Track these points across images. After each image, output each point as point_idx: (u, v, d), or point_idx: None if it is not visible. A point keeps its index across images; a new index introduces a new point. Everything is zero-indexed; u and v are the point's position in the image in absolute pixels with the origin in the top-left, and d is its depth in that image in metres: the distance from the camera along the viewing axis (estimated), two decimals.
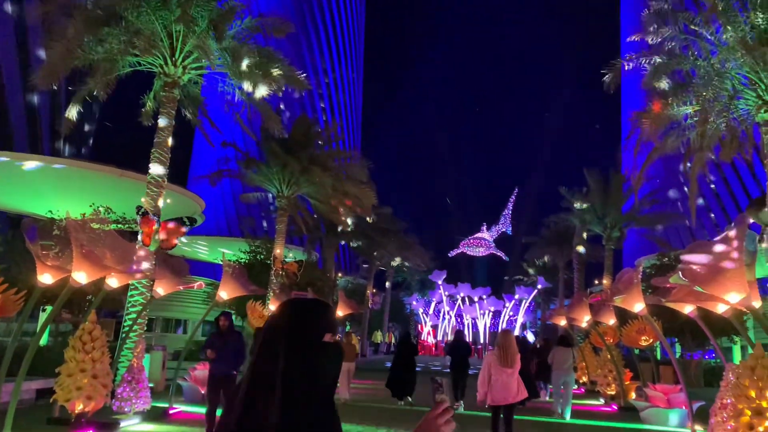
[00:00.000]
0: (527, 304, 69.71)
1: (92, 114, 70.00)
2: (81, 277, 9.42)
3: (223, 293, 13.68)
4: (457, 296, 71.00)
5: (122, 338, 14.33)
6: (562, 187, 33.71)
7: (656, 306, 12.21)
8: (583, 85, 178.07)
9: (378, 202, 29.46)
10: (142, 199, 15.67)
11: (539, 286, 62.09)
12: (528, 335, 59.40)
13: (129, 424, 10.90)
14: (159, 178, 15.84)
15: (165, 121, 16.09)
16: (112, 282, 11.21)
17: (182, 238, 17.37)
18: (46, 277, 9.44)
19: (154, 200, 15.58)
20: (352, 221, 31.56)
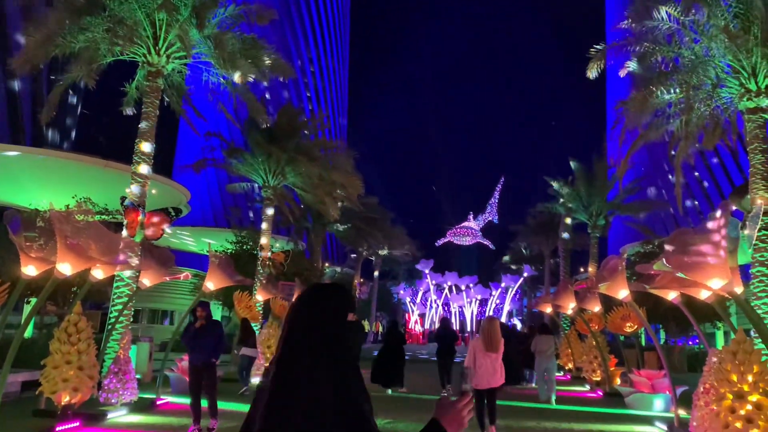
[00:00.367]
0: (514, 292, 70.19)
1: (75, 104, 69.17)
2: (65, 269, 9.35)
3: (210, 284, 13.65)
4: (444, 285, 71.37)
5: (108, 330, 14.26)
6: (548, 176, 33.86)
7: (640, 293, 12.31)
8: (570, 74, 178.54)
9: (364, 192, 29.47)
10: (126, 190, 15.55)
11: (525, 274, 62.53)
12: (516, 323, 59.84)
13: (116, 416, 10.87)
14: (144, 165, 15.70)
15: (149, 110, 15.94)
16: (98, 273, 11.15)
17: (168, 229, 17.25)
18: (30, 269, 9.35)
19: (139, 191, 15.46)
20: (338, 211, 31.54)
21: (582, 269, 41.43)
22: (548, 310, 23.43)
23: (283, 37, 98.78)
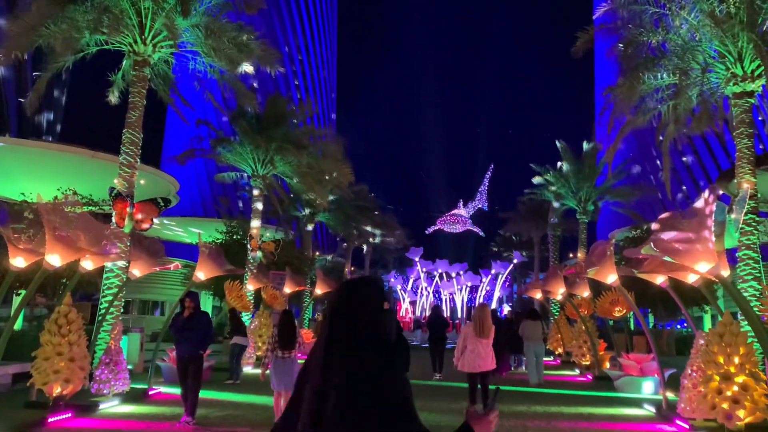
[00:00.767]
0: (504, 279, 70.50)
1: (61, 94, 68.44)
2: (54, 260, 9.31)
3: (200, 274, 13.63)
4: (435, 272, 71.54)
5: (99, 321, 14.21)
6: (535, 165, 33.78)
7: (629, 277, 12.43)
8: (560, 60, 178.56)
9: (354, 180, 29.42)
10: (114, 180, 15.45)
11: (515, 261, 62.75)
12: (505, 309, 60.17)
13: (108, 406, 10.87)
14: (131, 159, 15.60)
15: (136, 100, 15.81)
16: (87, 264, 11.11)
17: (156, 219, 17.18)
18: (18, 261, 9.32)
19: (127, 181, 15.37)
20: (328, 199, 31.49)
21: (571, 255, 41.64)
22: (538, 295, 23.57)
23: (271, 24, 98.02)
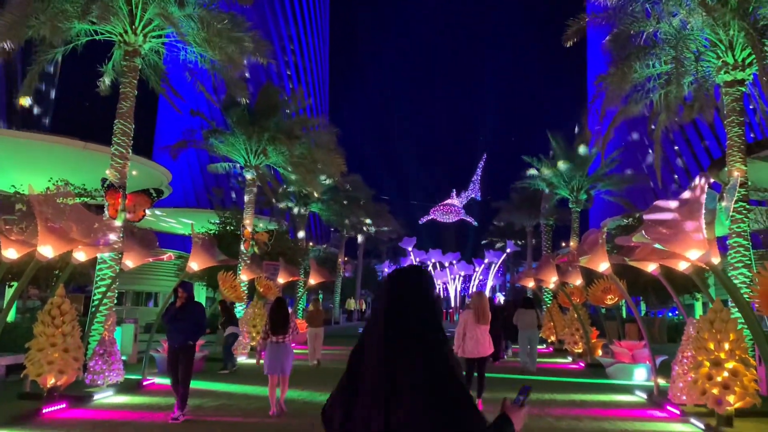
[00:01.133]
0: (497, 268, 70.75)
1: (51, 85, 67.95)
2: (47, 251, 9.29)
3: (194, 264, 13.63)
4: (428, 262, 71.73)
5: (92, 312, 14.20)
6: (527, 156, 33.79)
7: (621, 265, 12.51)
8: (554, 50, 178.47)
9: (347, 170, 29.37)
10: (107, 171, 15.37)
11: (508, 250, 62.97)
12: (499, 298, 60.42)
13: (102, 397, 10.89)
14: (123, 149, 15.52)
15: (127, 90, 15.71)
16: (80, 256, 11.09)
17: (149, 210, 17.14)
18: (10, 252, 9.29)
19: (120, 172, 15.30)
20: (321, 188, 31.45)
21: (564, 244, 41.79)
22: (531, 284, 23.71)
23: (263, 15, 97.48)
